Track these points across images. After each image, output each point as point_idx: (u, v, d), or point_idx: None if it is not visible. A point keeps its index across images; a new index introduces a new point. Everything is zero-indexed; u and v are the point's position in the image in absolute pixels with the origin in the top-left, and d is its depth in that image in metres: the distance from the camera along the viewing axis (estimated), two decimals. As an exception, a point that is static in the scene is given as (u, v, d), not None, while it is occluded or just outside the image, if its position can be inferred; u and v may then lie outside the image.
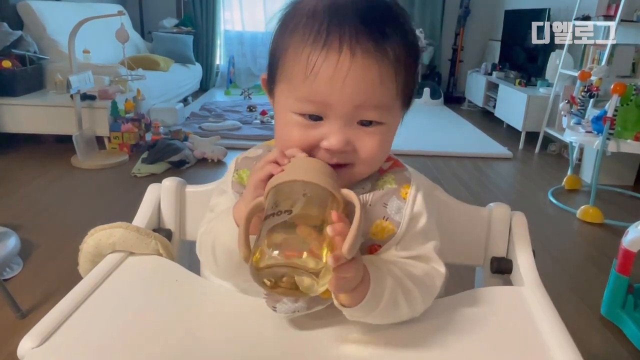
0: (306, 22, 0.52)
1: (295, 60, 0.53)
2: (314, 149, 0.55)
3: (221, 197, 0.65)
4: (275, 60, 0.56)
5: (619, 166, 3.13)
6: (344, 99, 0.52)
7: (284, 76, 0.55)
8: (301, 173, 0.49)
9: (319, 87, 0.51)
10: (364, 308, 0.53)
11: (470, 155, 3.74)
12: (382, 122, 0.55)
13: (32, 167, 3.07)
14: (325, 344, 0.55)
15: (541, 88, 4.17)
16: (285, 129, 0.56)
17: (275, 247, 0.44)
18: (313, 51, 0.51)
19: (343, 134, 0.53)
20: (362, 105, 0.53)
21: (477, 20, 5.97)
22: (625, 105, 2.55)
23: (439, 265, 0.61)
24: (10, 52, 3.32)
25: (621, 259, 1.63)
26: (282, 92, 0.56)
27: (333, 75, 0.51)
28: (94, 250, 0.68)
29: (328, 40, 0.51)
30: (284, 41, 0.55)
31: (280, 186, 0.49)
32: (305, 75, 0.52)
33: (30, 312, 1.59)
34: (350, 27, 0.50)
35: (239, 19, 6.22)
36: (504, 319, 0.61)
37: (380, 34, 0.52)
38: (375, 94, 0.53)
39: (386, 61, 0.52)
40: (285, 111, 0.55)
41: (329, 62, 0.51)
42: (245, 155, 0.65)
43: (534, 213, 2.71)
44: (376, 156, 0.56)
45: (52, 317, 0.54)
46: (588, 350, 1.56)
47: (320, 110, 0.53)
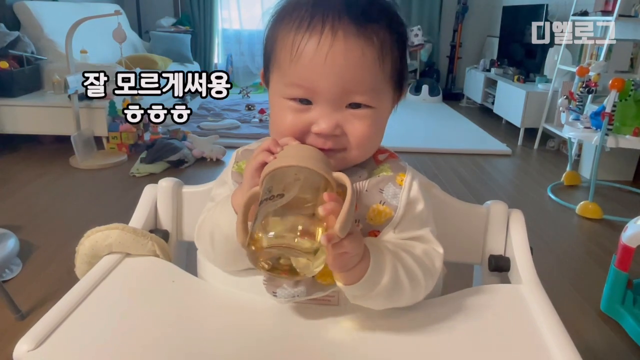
0: (293, 10, 0.55)
1: (283, 46, 0.55)
2: (305, 134, 0.56)
3: (221, 188, 0.67)
4: (268, 52, 0.59)
5: (617, 162, 3.13)
6: (330, 81, 0.53)
7: (275, 64, 0.57)
8: (293, 159, 0.50)
9: (304, 69, 0.53)
10: (365, 285, 0.53)
11: (469, 151, 3.74)
12: (371, 106, 0.56)
13: (30, 167, 3.07)
14: (325, 343, 0.55)
15: (540, 84, 4.17)
16: (278, 114, 0.58)
17: (271, 230, 0.45)
18: (297, 35, 0.53)
19: (332, 118, 0.55)
20: (349, 89, 0.54)
21: (475, 17, 5.96)
22: (624, 100, 2.55)
23: (437, 246, 0.61)
24: (7, 53, 3.31)
25: (620, 255, 1.63)
26: (274, 79, 0.58)
27: (315, 56, 0.52)
28: (91, 251, 0.68)
29: (311, 24, 0.53)
30: (274, 32, 0.57)
31: (274, 172, 0.50)
32: (290, 58, 0.54)
33: (30, 313, 1.59)
34: (334, 11, 0.52)
35: (236, 17, 6.21)
36: (501, 317, 0.61)
37: (363, 17, 0.53)
38: (361, 76, 0.54)
39: (370, 43, 0.53)
40: (277, 97, 0.58)
41: (311, 44, 0.52)
42: (246, 148, 0.67)
43: (533, 209, 2.71)
44: (367, 140, 0.57)
45: (48, 320, 0.54)
46: (587, 346, 1.56)
47: (308, 94, 0.55)
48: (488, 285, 0.70)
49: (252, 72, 6.26)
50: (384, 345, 0.55)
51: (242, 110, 4.67)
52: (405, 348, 0.55)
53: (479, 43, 6.04)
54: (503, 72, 4.88)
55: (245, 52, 6.25)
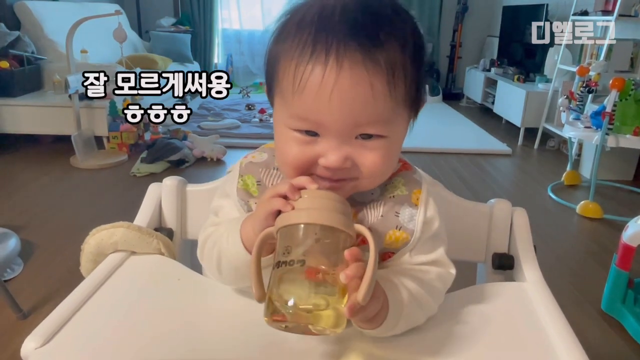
0: (295, 32, 0.50)
1: (285, 73, 0.51)
2: (312, 167, 0.52)
3: (224, 201, 0.63)
4: (270, 71, 0.54)
5: (618, 161, 3.14)
6: (336, 116, 0.49)
7: (278, 89, 0.53)
8: (313, 214, 0.47)
9: (308, 103, 0.49)
10: (383, 329, 0.52)
11: (470, 151, 3.74)
12: (383, 135, 0.52)
13: (31, 167, 3.07)
14: (330, 340, 0.55)
15: (540, 84, 4.17)
16: (284, 144, 0.53)
17: (289, 299, 0.44)
18: (299, 64, 0.49)
19: (341, 151, 0.50)
20: (358, 122, 0.50)
21: (475, 17, 5.97)
22: (624, 100, 2.55)
23: (451, 267, 0.61)
24: (7, 53, 3.31)
25: (621, 254, 1.64)
26: (278, 105, 0.54)
27: (320, 90, 0.48)
28: (96, 250, 0.68)
29: (314, 52, 0.48)
30: (276, 51, 0.53)
31: (291, 228, 0.47)
32: (293, 90, 0.49)
33: (32, 312, 1.59)
34: (338, 36, 0.47)
35: (236, 17, 6.20)
36: (506, 315, 0.61)
37: (370, 42, 0.48)
38: (370, 109, 0.49)
39: (378, 70, 0.48)
40: (281, 126, 0.53)
41: (315, 76, 0.48)
42: (250, 160, 0.62)
43: (533, 209, 2.70)
44: (380, 171, 0.54)
45: (55, 317, 0.54)
46: (589, 345, 1.53)
47: (314, 127, 0.51)
48: (492, 283, 0.70)
49: (252, 71, 6.26)
50: (387, 343, 0.55)
51: (242, 110, 4.67)
52: (408, 346, 0.55)
53: (479, 43, 6.04)
54: (503, 72, 4.88)
55: (245, 52, 6.24)
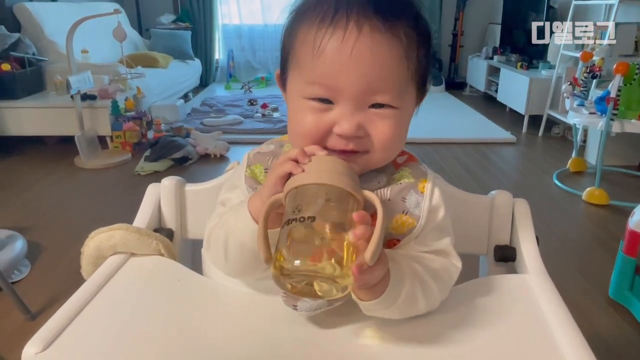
0: (315, 5, 0.52)
1: (304, 42, 0.53)
2: (327, 136, 0.54)
3: (232, 193, 0.64)
4: (286, 51, 0.56)
5: (623, 147, 3.11)
6: (354, 78, 0.51)
7: (295, 63, 0.55)
8: (323, 175, 0.48)
9: (326, 66, 0.51)
10: (381, 302, 0.52)
11: (474, 140, 3.72)
12: (395, 106, 0.53)
13: (35, 169, 3.08)
14: (331, 340, 0.55)
15: (543, 70, 4.13)
16: (297, 115, 0.55)
17: (297, 255, 0.44)
18: (319, 29, 0.51)
19: (355, 118, 0.52)
20: (373, 87, 0.51)
21: (477, 4, 5.91)
22: (629, 84, 2.52)
23: (457, 260, 0.61)
24: (8, 55, 3.32)
25: (628, 241, 1.63)
26: (293, 79, 0.56)
27: (339, 52, 0.50)
28: (96, 252, 0.68)
29: (335, 18, 0.50)
30: (294, 28, 0.55)
31: (302, 188, 0.48)
32: (312, 55, 0.51)
33: (40, 313, 1.60)
34: (359, 5, 0.50)
35: (236, 12, 6.17)
36: (508, 307, 0.61)
37: (390, 13, 0.50)
38: (386, 74, 0.51)
39: (396, 40, 0.51)
40: (296, 97, 0.55)
41: (335, 39, 0.50)
42: (258, 151, 0.64)
43: (539, 196, 2.70)
44: (391, 142, 0.55)
45: (55, 322, 0.54)
46: (596, 332, 1.55)
47: (330, 94, 0.52)
48: (494, 275, 0.69)
49: (254, 66, 6.24)
50: (390, 337, 0.55)
51: (244, 105, 4.66)
52: (411, 340, 0.55)
53: (480, 31, 5.98)
54: (506, 60, 4.84)
55: (246, 47, 6.23)
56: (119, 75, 3.65)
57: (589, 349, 0.52)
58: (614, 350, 1.49)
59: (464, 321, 0.58)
